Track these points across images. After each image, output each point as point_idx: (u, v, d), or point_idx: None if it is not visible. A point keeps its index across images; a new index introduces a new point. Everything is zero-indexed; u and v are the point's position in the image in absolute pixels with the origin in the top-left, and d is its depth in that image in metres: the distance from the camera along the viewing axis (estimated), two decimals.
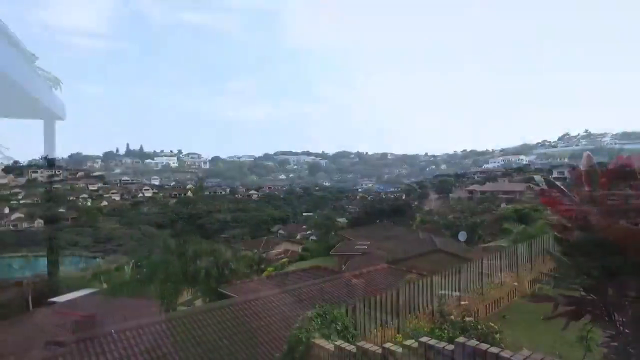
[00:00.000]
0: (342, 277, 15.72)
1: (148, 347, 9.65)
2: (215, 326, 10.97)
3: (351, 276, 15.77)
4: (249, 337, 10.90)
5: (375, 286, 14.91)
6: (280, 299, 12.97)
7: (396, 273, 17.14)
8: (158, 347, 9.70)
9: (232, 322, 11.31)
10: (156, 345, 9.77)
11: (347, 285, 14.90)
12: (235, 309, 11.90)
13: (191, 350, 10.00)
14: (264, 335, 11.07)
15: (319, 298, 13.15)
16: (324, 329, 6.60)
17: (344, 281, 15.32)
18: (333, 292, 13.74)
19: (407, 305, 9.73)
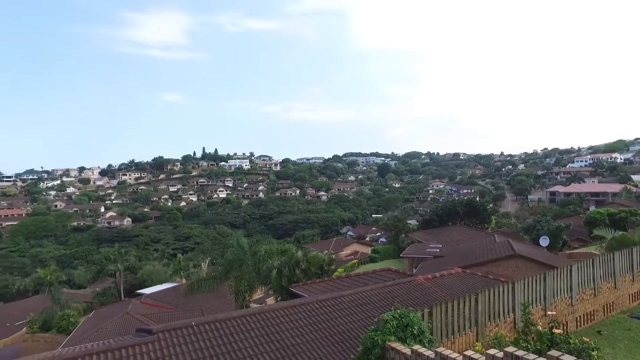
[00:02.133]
0: (414, 281, 15.24)
1: (225, 341, 9.98)
2: (287, 324, 11.10)
3: (423, 280, 15.24)
4: (321, 337, 10.90)
5: (449, 291, 14.29)
6: (351, 300, 12.84)
7: (471, 278, 16.32)
8: (234, 341, 10.00)
9: (304, 321, 11.37)
10: (232, 339, 10.08)
11: (420, 289, 14.42)
12: (306, 308, 11.97)
13: (265, 347, 10.19)
14: (336, 335, 11.01)
15: (390, 301, 12.86)
16: (400, 332, 6.40)
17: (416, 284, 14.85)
18: (405, 295, 13.35)
19: (486, 312, 9.17)
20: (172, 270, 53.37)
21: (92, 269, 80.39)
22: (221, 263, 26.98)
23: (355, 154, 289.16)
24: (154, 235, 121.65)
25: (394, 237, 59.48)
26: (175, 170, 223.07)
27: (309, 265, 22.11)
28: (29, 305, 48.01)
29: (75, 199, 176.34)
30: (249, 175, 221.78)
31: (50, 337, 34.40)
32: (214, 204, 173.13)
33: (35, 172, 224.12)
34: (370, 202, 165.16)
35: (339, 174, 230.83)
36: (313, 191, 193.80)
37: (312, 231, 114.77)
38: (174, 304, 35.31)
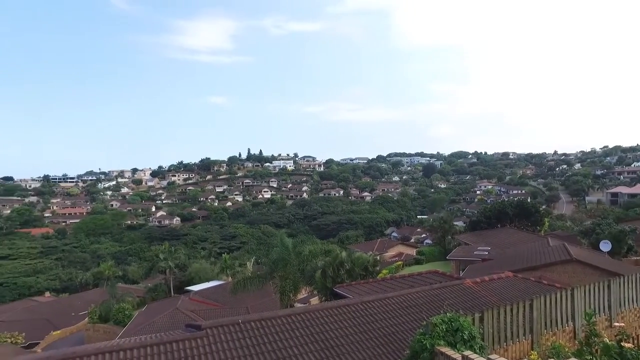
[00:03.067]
0: (462, 284, 14.73)
1: (270, 340, 10.07)
2: (332, 325, 11.04)
3: (472, 283, 14.70)
4: (366, 339, 10.77)
5: (500, 295, 13.69)
6: (396, 302, 12.59)
7: (523, 283, 15.59)
8: (280, 340, 10.07)
9: (349, 322, 11.28)
10: (278, 338, 10.15)
11: (468, 293, 13.92)
12: (351, 309, 11.86)
13: (309, 347, 10.19)
14: (381, 337, 10.83)
15: (437, 304, 12.49)
16: (449, 336, 6.16)
17: (464, 288, 14.35)
18: (453, 298, 12.91)
19: (542, 319, 8.66)
20: (219, 268, 54.81)
21: (144, 266, 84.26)
22: (266, 262, 27.35)
23: (400, 154, 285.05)
24: (202, 234, 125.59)
25: (440, 239, 58.08)
26: (222, 171, 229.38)
27: (353, 266, 21.97)
28: (90, 297, 51.11)
29: (129, 198, 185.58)
30: (293, 176, 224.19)
31: (109, 327, 36.39)
32: (258, 204, 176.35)
33: (94, 173, 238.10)
34: (415, 202, 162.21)
35: (383, 174, 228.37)
36: (357, 192, 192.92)
37: (355, 232, 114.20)
38: (221, 301, 36.25)
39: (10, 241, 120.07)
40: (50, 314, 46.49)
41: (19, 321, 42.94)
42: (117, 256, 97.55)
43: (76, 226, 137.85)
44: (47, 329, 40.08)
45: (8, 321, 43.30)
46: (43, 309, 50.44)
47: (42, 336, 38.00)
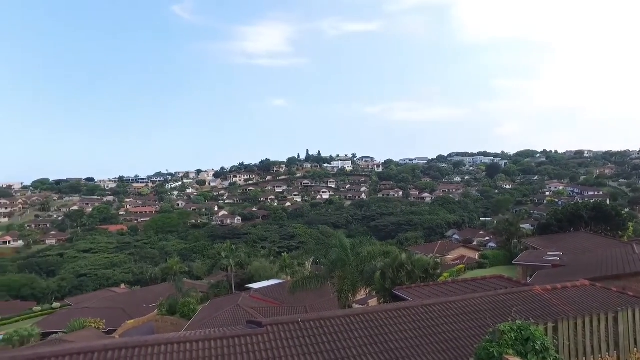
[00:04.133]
0: (531, 291, 13.83)
1: (329, 339, 10.05)
2: (391, 327, 10.82)
3: (542, 290, 13.76)
4: (426, 343, 10.43)
5: (575, 305, 12.66)
6: (459, 306, 12.09)
7: (602, 293, 14.31)
8: (338, 340, 10.03)
9: (409, 325, 10.99)
10: (336, 338, 10.11)
11: (538, 301, 13.03)
12: (411, 312, 11.56)
13: (368, 348, 10.05)
14: (443, 343, 10.45)
15: (503, 310, 11.83)
16: (519, 346, 5.75)
17: (533, 295, 13.46)
18: (520, 306, 12.15)
19: (629, 334, 7.87)
20: (278, 267, 55.88)
21: (207, 263, 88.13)
22: (324, 263, 27.48)
23: (461, 154, 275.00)
24: (262, 234, 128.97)
25: (505, 243, 55.26)
26: (281, 172, 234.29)
27: (413, 268, 21.44)
28: (159, 290, 54.28)
29: (194, 198, 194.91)
30: (351, 177, 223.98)
31: (175, 320, 38.41)
32: (317, 204, 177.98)
33: (162, 174, 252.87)
34: (477, 204, 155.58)
35: (444, 174, 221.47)
36: (416, 192, 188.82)
37: (415, 233, 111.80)
38: (280, 299, 36.92)
39: (92, 236, 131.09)
40: (125, 304, 50.06)
41: (100, 309, 46.84)
42: (183, 253, 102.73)
43: (146, 224, 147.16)
44: (123, 318, 43.16)
45: (92, 308, 47.44)
46: (119, 300, 54.48)
47: (119, 324, 40.95)
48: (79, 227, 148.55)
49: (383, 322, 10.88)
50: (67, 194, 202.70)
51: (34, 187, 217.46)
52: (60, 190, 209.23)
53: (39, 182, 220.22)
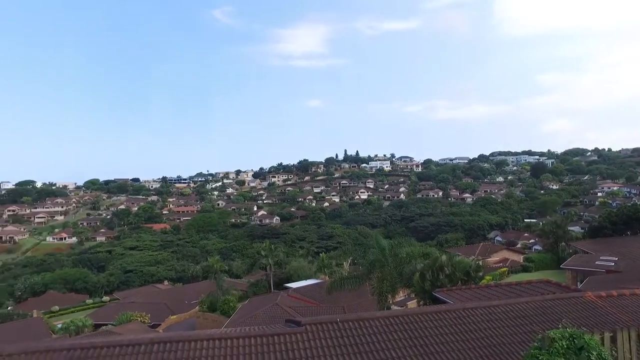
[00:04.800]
0: (583, 297, 13.10)
1: (368, 340, 9.95)
2: (431, 330, 10.58)
3: (595, 297, 12.99)
4: (468, 348, 10.12)
5: (634, 315, 11.85)
6: (503, 311, 11.64)
7: None
8: (377, 341, 9.91)
9: (450, 328, 10.70)
10: (375, 339, 10.00)
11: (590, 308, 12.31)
12: (452, 316, 11.25)
13: (407, 351, 9.87)
14: (485, 348, 10.10)
15: (551, 317, 11.28)
16: (572, 355, 5.40)
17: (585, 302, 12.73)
18: (570, 313, 11.54)
19: None
20: (316, 267, 56.02)
21: (246, 262, 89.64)
22: (362, 263, 27.30)
23: (504, 153, 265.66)
24: (300, 234, 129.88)
25: (552, 246, 52.92)
26: (319, 172, 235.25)
27: (453, 270, 20.89)
28: (200, 288, 55.80)
29: (233, 198, 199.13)
30: (389, 177, 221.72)
31: (216, 317, 39.35)
32: (355, 204, 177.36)
33: (203, 175, 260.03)
34: (521, 205, 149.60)
35: (486, 174, 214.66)
36: (457, 193, 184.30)
37: (455, 235, 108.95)
38: (317, 299, 37.01)
39: (137, 234, 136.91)
40: (168, 300, 51.84)
41: (145, 304, 48.82)
42: (223, 252, 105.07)
43: (188, 223, 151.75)
44: (166, 313, 44.71)
45: (138, 303, 49.55)
46: (163, 295, 56.50)
47: (163, 319, 42.44)
48: (126, 225, 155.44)
49: (423, 325, 10.66)
50: (115, 193, 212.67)
51: (85, 187, 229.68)
52: (109, 190, 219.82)
53: (90, 182, 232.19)
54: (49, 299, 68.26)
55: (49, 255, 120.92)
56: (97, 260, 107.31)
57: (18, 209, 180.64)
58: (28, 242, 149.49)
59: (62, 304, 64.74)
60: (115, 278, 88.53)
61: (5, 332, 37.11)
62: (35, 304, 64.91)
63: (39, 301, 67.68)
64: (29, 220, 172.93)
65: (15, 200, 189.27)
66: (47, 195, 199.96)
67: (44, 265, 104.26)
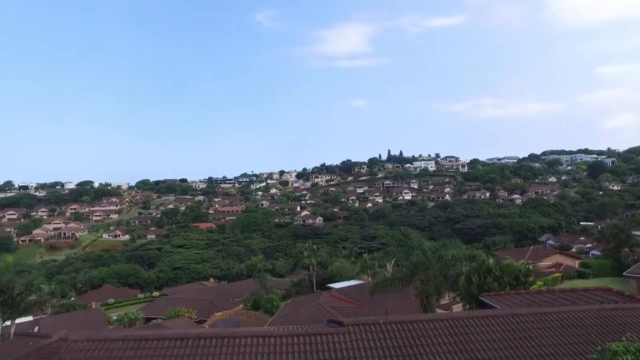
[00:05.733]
0: None
1: (411, 343, 9.79)
2: (478, 335, 10.24)
3: None
4: (518, 356, 9.71)
5: None
6: (556, 319, 11.06)
7: None
8: (421, 345, 9.72)
9: (498, 335, 10.31)
10: (419, 343, 9.82)
11: None
12: (501, 321, 10.82)
13: (453, 356, 9.62)
14: (537, 357, 9.66)
15: (613, 328, 10.59)
16: None
17: None
18: (635, 325, 10.79)
19: None
20: (359, 268, 55.79)
21: (289, 261, 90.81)
22: (406, 265, 26.82)
23: (557, 152, 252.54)
24: (343, 234, 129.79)
25: (613, 251, 49.71)
26: (362, 172, 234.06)
27: (502, 274, 20.10)
28: (244, 286, 57.07)
29: (277, 198, 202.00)
30: (434, 177, 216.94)
31: (259, 315, 40.09)
32: (399, 205, 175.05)
33: (247, 175, 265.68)
34: (576, 207, 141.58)
35: (537, 174, 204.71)
36: (505, 194, 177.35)
37: (503, 237, 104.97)
38: (360, 300, 36.82)
39: (185, 233, 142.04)
40: (214, 297, 53.40)
41: (192, 300, 50.59)
42: (267, 251, 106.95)
43: (233, 222, 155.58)
44: (212, 310, 46.08)
45: (185, 299, 51.44)
46: (209, 293, 58.26)
47: (208, 315, 43.77)
48: (174, 224, 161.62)
49: (469, 330, 10.34)
50: (165, 193, 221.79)
51: (137, 187, 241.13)
52: (158, 190, 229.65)
53: (142, 182, 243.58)
54: (105, 292, 72.55)
55: (105, 251, 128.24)
56: (147, 257, 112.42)
57: (78, 207, 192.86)
58: (87, 238, 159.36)
59: (117, 297, 68.62)
60: (164, 274, 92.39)
61: (69, 320, 39.94)
62: (94, 296, 69.28)
63: (96, 293, 72.14)
64: (88, 218, 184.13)
65: (76, 200, 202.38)
66: (103, 194, 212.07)
67: (100, 261, 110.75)
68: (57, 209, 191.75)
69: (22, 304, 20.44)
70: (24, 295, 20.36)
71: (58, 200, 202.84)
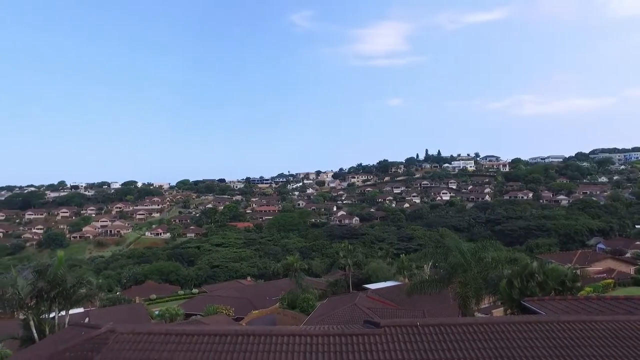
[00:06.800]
0: None
1: (449, 347, 9.57)
2: (520, 342, 9.87)
3: None
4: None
5: None
6: (607, 328, 10.46)
7: None
8: (459, 349, 9.49)
9: (542, 342, 9.89)
10: (457, 347, 9.59)
11: None
12: (545, 328, 10.38)
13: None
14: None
15: None
16: None
17: None
18: None
19: None
20: (395, 269, 55.20)
21: (325, 261, 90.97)
22: (444, 266, 26.24)
23: (608, 150, 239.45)
24: (379, 235, 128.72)
25: None
26: (399, 172, 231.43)
27: (546, 278, 19.28)
28: (280, 285, 57.69)
29: (313, 198, 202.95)
30: (473, 177, 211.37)
31: (295, 314, 40.39)
32: (437, 206, 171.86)
33: (284, 175, 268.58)
34: (631, 209, 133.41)
35: (585, 174, 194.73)
36: (549, 194, 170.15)
37: (548, 240, 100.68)
38: (396, 301, 36.43)
39: (223, 232, 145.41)
40: (251, 295, 54.35)
41: (229, 298, 51.73)
42: (303, 251, 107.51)
43: (270, 222, 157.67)
44: (249, 308, 46.92)
45: (223, 296, 52.65)
46: (246, 291, 59.37)
47: (245, 313, 44.62)
48: (213, 223, 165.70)
49: (511, 336, 9.99)
50: (204, 193, 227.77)
51: (177, 187, 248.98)
52: (198, 190, 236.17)
53: (182, 182, 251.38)
54: (148, 288, 75.49)
55: (147, 248, 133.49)
56: (187, 255, 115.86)
57: (123, 206, 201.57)
58: (131, 236, 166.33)
59: (158, 293, 71.22)
60: (203, 272, 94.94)
61: (115, 313, 41.94)
62: (137, 291, 72.25)
63: (140, 289, 75.20)
64: (132, 217, 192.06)
65: (121, 199, 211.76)
66: (146, 194, 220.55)
67: (143, 257, 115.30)
68: (104, 208, 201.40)
69: (74, 296, 21.67)
70: (76, 287, 21.58)
71: (105, 199, 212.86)
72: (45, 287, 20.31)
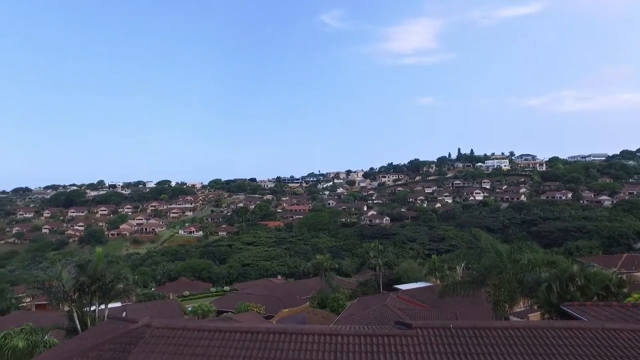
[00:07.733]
0: None
1: (484, 351, 9.30)
2: (560, 349, 9.47)
3: None
4: None
5: None
6: None
7: None
8: (494, 353, 9.21)
9: (584, 349, 9.46)
10: (492, 351, 9.31)
11: None
12: (587, 335, 9.92)
13: None
14: None
15: None
16: None
17: None
18: None
19: None
20: (427, 269, 54.31)
21: (356, 261, 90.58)
22: (477, 268, 25.59)
23: None
24: (410, 235, 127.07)
25: None
26: (431, 172, 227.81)
27: (587, 282, 18.41)
28: (310, 284, 57.89)
29: (344, 198, 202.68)
30: (508, 177, 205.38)
31: (325, 313, 40.43)
32: (469, 206, 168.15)
33: (314, 175, 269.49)
34: None
35: (631, 173, 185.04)
36: (591, 195, 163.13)
37: (589, 242, 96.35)
38: (428, 302, 35.82)
39: (254, 231, 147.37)
40: (281, 294, 54.74)
41: (260, 296, 52.32)
42: (333, 250, 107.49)
43: (300, 221, 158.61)
44: (279, 306, 47.28)
45: (254, 294, 53.32)
46: (276, 289, 59.88)
47: (276, 311, 44.97)
48: (244, 221, 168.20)
49: (549, 342, 9.60)
50: (235, 192, 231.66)
51: (210, 186, 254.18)
52: (229, 189, 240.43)
53: (214, 182, 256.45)
54: (181, 285, 77.38)
55: (180, 246, 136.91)
56: (219, 253, 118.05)
57: (158, 204, 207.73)
58: (165, 234, 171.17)
59: (191, 289, 72.94)
60: (234, 270, 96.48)
61: (150, 308, 43.29)
62: (171, 287, 74.22)
63: (173, 285, 77.20)
64: (166, 215, 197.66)
65: (155, 197, 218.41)
66: (179, 193, 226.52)
67: (177, 255, 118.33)
68: (139, 206, 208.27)
69: (112, 291, 22.49)
70: (114, 282, 22.40)
71: (140, 198, 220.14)
72: (87, 281, 21.17)
